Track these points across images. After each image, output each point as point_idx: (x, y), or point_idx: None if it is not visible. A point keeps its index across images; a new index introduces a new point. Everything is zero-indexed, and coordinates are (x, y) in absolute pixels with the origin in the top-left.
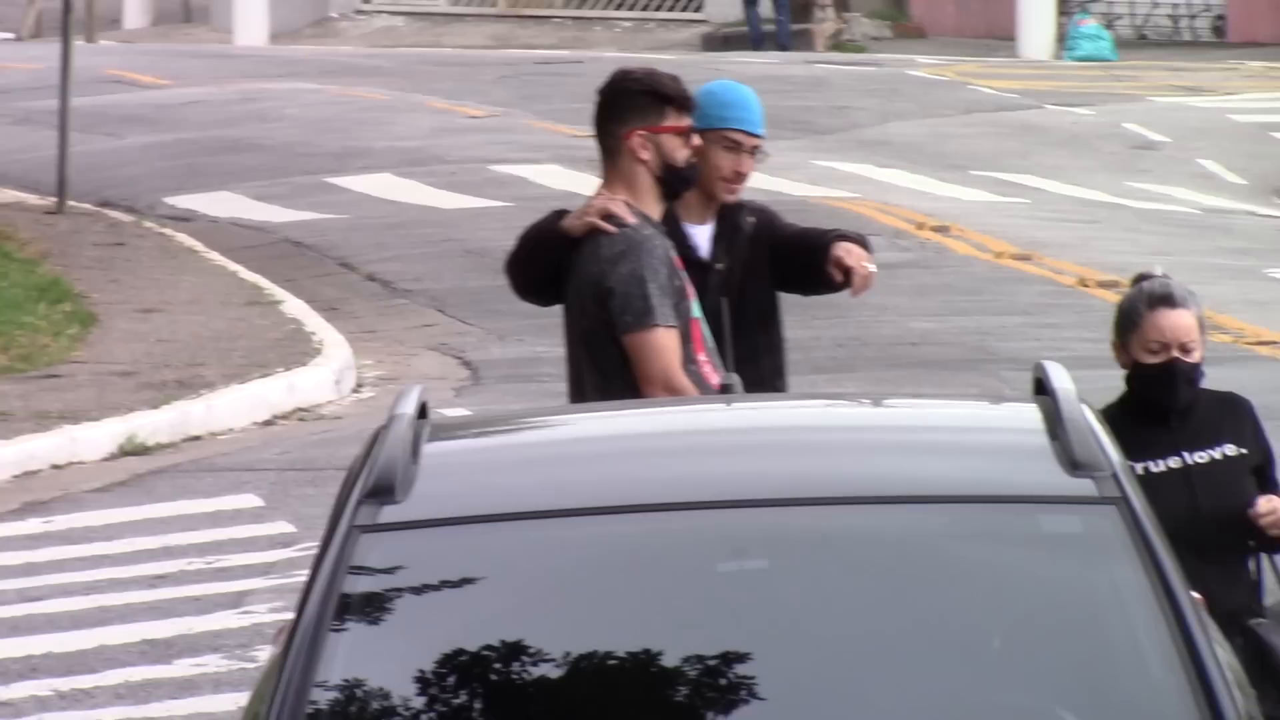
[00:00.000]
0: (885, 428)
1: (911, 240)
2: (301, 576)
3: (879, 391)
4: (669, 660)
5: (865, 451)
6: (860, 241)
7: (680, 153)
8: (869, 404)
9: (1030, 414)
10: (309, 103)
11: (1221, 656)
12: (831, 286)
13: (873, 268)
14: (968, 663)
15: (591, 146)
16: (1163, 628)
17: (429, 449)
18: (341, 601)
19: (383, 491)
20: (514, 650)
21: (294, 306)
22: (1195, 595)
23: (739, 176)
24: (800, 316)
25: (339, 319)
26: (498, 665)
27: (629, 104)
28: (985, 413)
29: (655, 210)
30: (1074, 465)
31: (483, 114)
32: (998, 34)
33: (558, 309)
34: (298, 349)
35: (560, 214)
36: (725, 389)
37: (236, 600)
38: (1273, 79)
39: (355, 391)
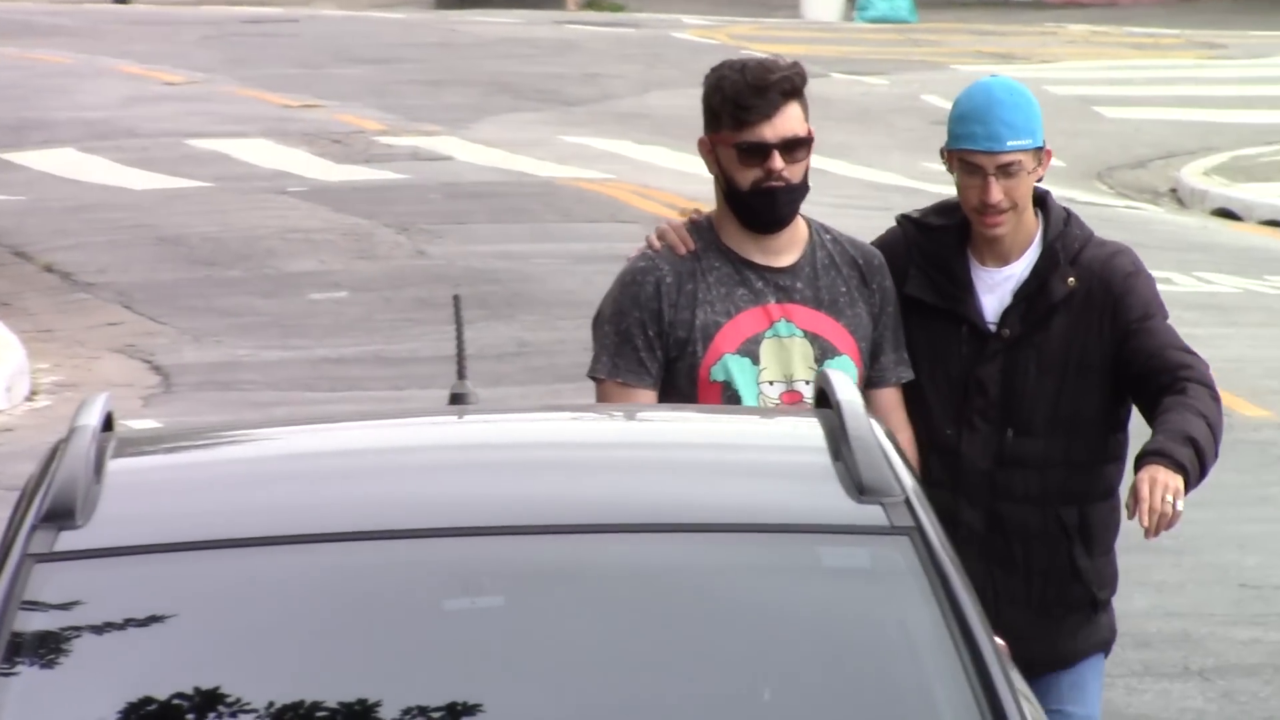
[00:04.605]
0: (641, 444)
1: None
2: None
3: (633, 404)
4: (387, 712)
5: (618, 472)
6: (1192, 441)
7: (740, 173)
8: (623, 417)
9: (811, 430)
10: None
11: (1028, 711)
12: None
13: (1180, 506)
14: (733, 717)
15: (307, 119)
16: (960, 675)
17: (114, 466)
18: (12, 641)
19: (61, 515)
20: (210, 698)
21: None
22: (999, 641)
23: (988, 208)
24: (542, 316)
25: (11, 316)
26: (191, 715)
27: (704, 105)
28: (758, 428)
29: (737, 235)
30: (861, 489)
31: (181, 80)
32: None
33: (260, 306)
34: None
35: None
36: (456, 399)
37: None
38: (1096, 45)
39: (29, 400)
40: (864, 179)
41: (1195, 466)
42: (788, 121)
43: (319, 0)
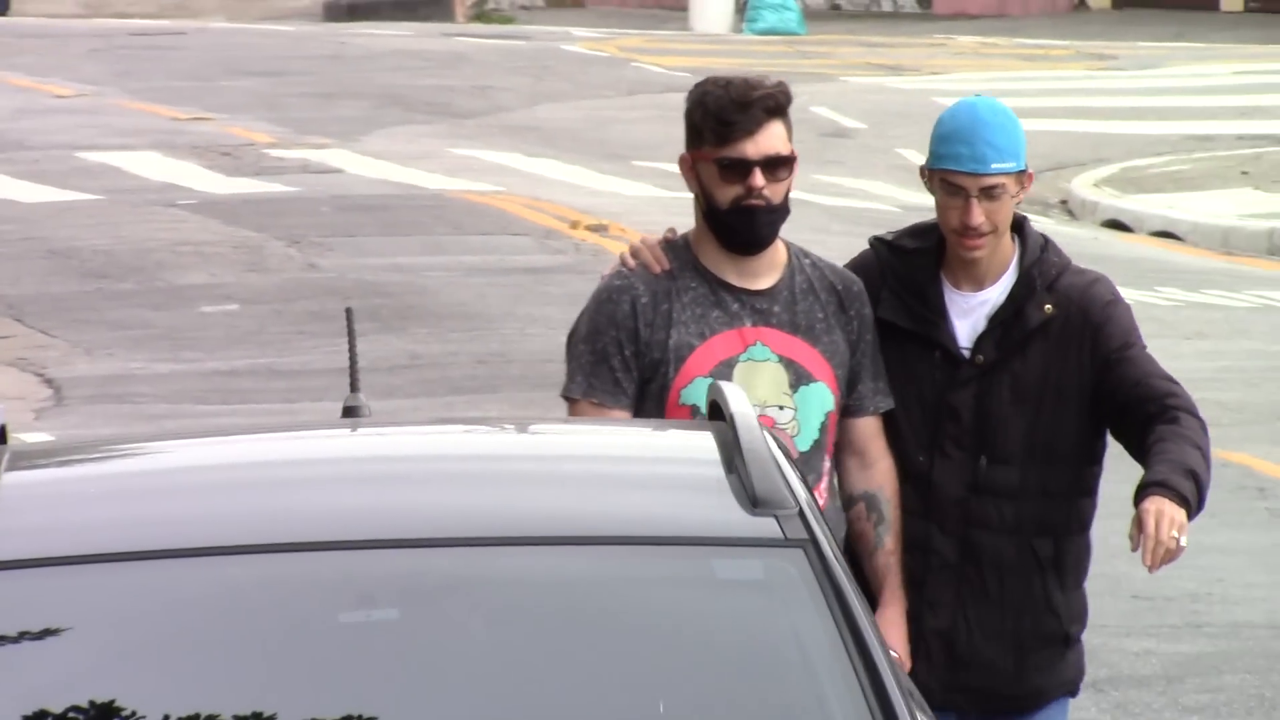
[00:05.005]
0: (534, 458)
1: (565, 241)
2: None
3: (526, 416)
4: None
5: (511, 485)
6: (1192, 474)
7: (720, 190)
8: (515, 430)
9: (704, 442)
10: None
11: None
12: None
13: (1184, 541)
14: None
15: (197, 131)
16: (854, 686)
17: (8, 479)
18: None
19: None
20: (105, 711)
21: None
22: (894, 653)
23: (969, 230)
24: (434, 329)
25: None
26: None
27: (686, 121)
28: (651, 441)
29: (715, 255)
30: (754, 502)
31: (71, 93)
32: (667, 3)
33: (151, 319)
34: None
35: None
36: (349, 412)
37: None
38: (984, 56)
39: None
40: None
41: (1195, 500)
42: (770, 139)
43: (207, 13)
